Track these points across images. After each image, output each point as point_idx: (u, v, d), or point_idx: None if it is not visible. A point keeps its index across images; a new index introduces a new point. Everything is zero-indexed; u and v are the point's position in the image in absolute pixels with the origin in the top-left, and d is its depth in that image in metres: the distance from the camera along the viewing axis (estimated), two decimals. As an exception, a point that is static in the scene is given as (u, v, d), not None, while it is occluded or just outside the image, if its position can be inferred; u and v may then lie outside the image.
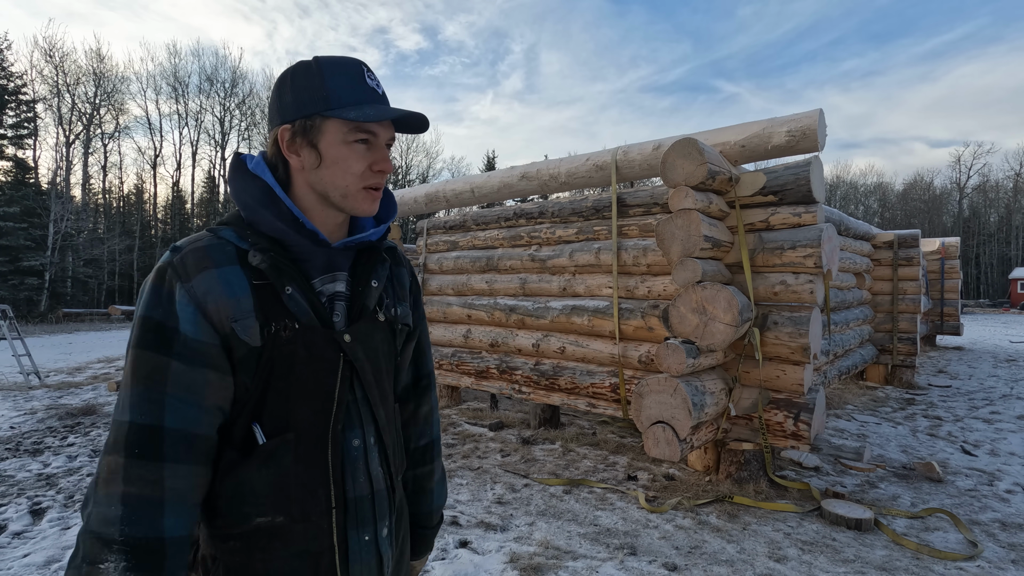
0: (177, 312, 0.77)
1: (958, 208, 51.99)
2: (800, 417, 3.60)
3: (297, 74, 0.86)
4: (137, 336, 0.77)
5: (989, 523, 3.36)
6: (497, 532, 3.16)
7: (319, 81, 0.85)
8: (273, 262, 0.83)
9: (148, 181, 37.86)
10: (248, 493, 0.81)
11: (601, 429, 5.43)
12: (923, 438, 5.22)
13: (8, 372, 9.02)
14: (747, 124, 3.90)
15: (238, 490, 0.81)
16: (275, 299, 0.83)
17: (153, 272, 0.80)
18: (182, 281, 0.78)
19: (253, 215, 0.85)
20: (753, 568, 2.77)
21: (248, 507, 0.81)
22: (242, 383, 0.82)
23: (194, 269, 0.79)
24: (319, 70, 0.85)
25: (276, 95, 0.88)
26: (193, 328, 0.77)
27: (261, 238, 0.84)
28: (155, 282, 0.79)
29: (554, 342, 4.94)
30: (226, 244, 0.83)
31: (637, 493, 3.69)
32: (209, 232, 0.85)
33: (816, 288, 3.59)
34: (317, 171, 0.87)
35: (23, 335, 8.89)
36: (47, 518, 3.34)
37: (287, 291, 0.84)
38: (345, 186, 0.87)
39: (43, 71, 30.96)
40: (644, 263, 4.34)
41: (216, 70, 39.29)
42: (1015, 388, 7.71)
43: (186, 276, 0.79)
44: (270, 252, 0.83)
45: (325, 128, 0.85)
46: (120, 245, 30.04)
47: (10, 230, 22.23)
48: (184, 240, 0.84)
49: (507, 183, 5.36)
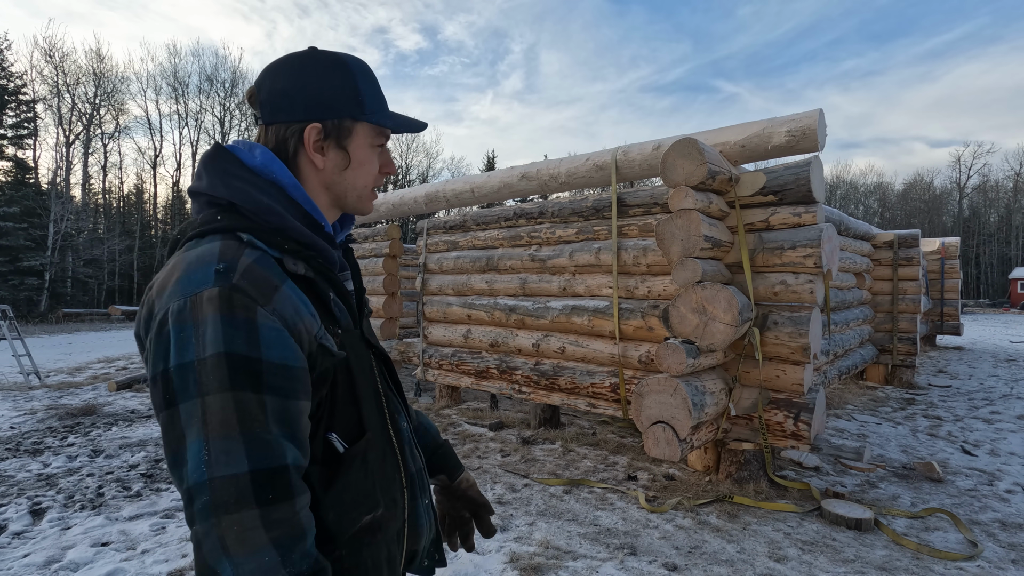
0: (262, 341, 0.68)
1: (958, 208, 52.00)
2: (800, 417, 3.60)
3: (327, 68, 0.82)
4: (225, 377, 0.65)
5: (989, 523, 3.36)
6: (497, 532, 3.16)
7: (352, 83, 0.83)
8: (317, 269, 0.80)
9: (148, 181, 37.92)
10: (355, 498, 0.81)
11: (601, 429, 5.43)
12: (923, 438, 5.22)
13: (8, 372, 9.02)
14: (747, 124, 3.90)
15: (344, 498, 0.80)
16: (322, 306, 0.80)
17: (211, 301, 0.67)
18: (261, 305, 0.69)
19: (280, 221, 0.78)
20: (753, 568, 2.77)
21: (356, 511, 0.81)
22: (318, 398, 0.78)
23: (268, 289, 0.70)
24: (350, 71, 0.84)
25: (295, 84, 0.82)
26: (281, 354, 0.69)
27: (292, 244, 0.78)
28: (224, 312, 0.66)
29: (554, 342, 4.94)
30: (266, 254, 0.74)
31: (637, 493, 3.69)
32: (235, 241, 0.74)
33: (816, 288, 3.59)
34: (342, 173, 0.85)
35: (23, 335, 8.89)
36: (47, 518, 3.34)
37: (331, 296, 0.82)
38: (363, 187, 0.88)
39: (43, 71, 31.03)
40: (644, 263, 4.34)
41: (216, 70, 39.30)
42: (1015, 388, 7.71)
43: (264, 299, 0.69)
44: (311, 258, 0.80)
45: (356, 131, 0.85)
46: (120, 245, 30.03)
47: (10, 230, 22.24)
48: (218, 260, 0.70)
49: (507, 183, 5.36)
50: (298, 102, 0.81)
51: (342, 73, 0.83)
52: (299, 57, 0.84)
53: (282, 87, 0.82)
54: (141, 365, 9.85)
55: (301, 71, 0.82)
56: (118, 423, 5.70)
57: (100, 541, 3.06)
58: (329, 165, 0.84)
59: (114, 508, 3.52)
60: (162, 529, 3.22)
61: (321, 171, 0.85)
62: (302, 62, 0.83)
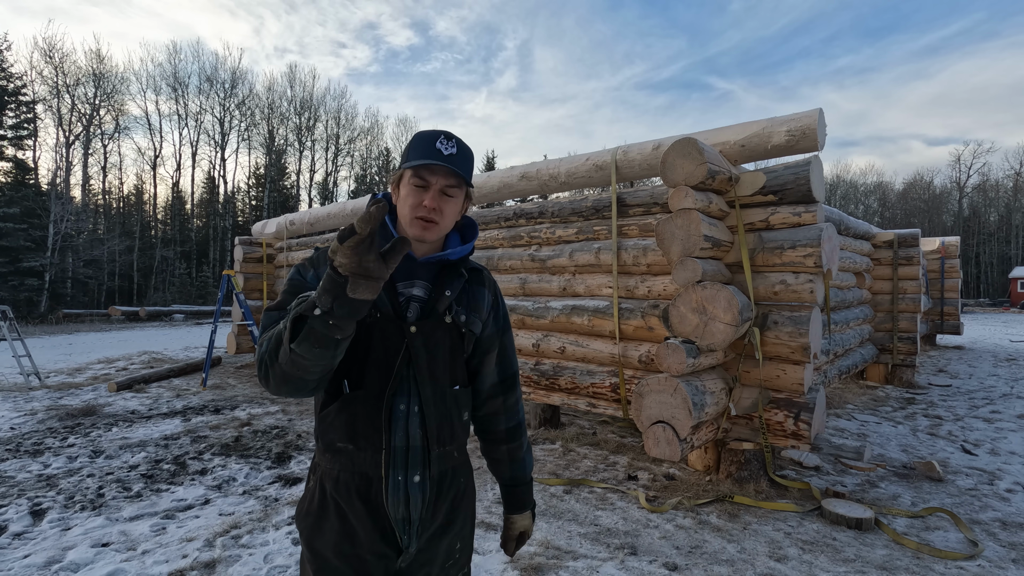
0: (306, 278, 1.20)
1: (958, 207, 51.98)
2: (800, 416, 3.60)
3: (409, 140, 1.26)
4: (288, 277, 1.22)
5: (989, 522, 3.36)
6: (497, 532, 3.16)
7: (408, 147, 1.22)
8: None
9: (148, 182, 37.83)
10: (335, 425, 1.19)
11: (601, 429, 5.43)
12: (923, 437, 5.22)
13: (8, 373, 9.02)
14: (747, 124, 3.90)
15: (330, 421, 1.19)
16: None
17: (298, 264, 1.24)
18: (315, 268, 1.21)
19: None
20: (754, 568, 2.77)
21: (334, 434, 1.19)
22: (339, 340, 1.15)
23: (321, 263, 1.21)
24: (412, 138, 1.22)
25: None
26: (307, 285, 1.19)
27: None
28: (300, 266, 1.23)
29: (554, 342, 4.94)
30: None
31: (637, 493, 3.69)
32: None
33: (816, 287, 3.58)
34: (398, 207, 1.22)
35: (23, 336, 8.89)
36: (47, 519, 3.34)
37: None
38: (404, 215, 1.20)
39: (43, 72, 30.93)
40: (644, 263, 4.34)
41: (216, 70, 39.23)
42: (1015, 387, 7.71)
43: (316, 265, 1.22)
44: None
45: (404, 176, 1.20)
46: (120, 246, 29.99)
47: (10, 231, 22.22)
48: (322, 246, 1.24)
49: (507, 183, 5.36)
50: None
51: (410, 140, 1.23)
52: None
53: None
54: (141, 366, 9.86)
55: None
56: (118, 424, 5.70)
57: (100, 542, 3.06)
58: (397, 201, 1.23)
59: (114, 509, 3.51)
60: (162, 530, 3.22)
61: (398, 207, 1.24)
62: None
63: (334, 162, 42.07)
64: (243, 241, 9.90)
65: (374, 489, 1.17)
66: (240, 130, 38.10)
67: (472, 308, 1.29)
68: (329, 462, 1.20)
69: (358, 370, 1.17)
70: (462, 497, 1.30)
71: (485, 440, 1.46)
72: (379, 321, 1.17)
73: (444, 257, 1.24)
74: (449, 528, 1.26)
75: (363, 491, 1.17)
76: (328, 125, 41.71)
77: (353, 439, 1.17)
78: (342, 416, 1.18)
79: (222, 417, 6.01)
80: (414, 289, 1.23)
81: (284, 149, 39.54)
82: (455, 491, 1.27)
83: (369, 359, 1.17)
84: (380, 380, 1.17)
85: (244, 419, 5.87)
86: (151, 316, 23.36)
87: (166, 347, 13.00)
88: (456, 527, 1.28)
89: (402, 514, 1.18)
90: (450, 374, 1.26)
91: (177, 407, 6.51)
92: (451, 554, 1.29)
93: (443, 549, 1.26)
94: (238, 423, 5.71)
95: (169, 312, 24.17)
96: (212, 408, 6.47)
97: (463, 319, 1.27)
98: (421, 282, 1.23)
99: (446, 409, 1.25)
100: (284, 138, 39.73)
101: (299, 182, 40.50)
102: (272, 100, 39.08)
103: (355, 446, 1.17)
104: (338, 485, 1.18)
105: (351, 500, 1.17)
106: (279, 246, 9.75)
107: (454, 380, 1.27)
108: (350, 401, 1.17)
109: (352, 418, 1.17)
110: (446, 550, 1.27)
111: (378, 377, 1.17)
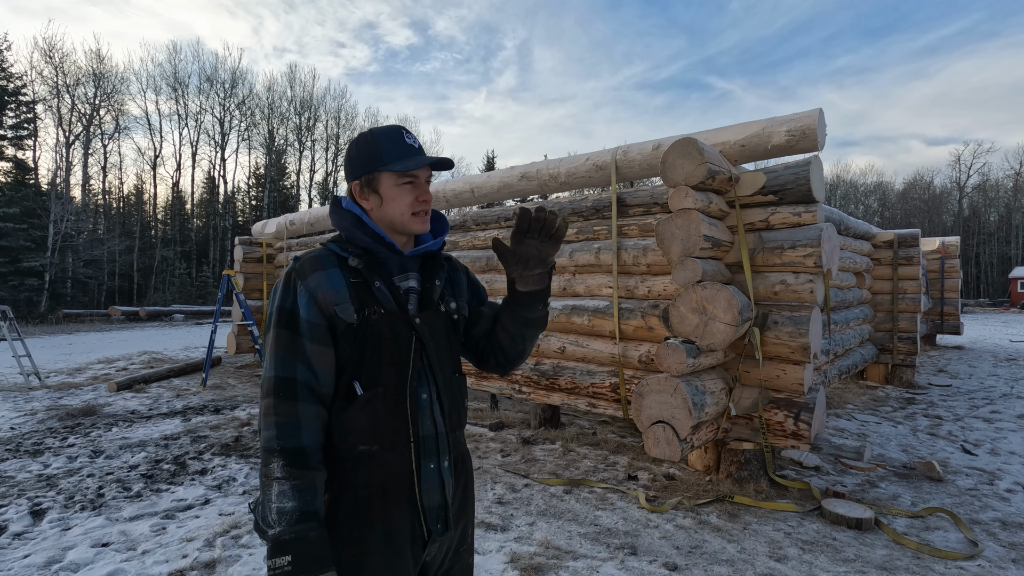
0: (299, 302, 1.14)
1: (958, 207, 51.96)
2: (800, 416, 3.60)
3: (359, 143, 1.24)
4: (276, 319, 1.14)
5: (990, 522, 3.36)
6: (497, 532, 3.16)
7: (373, 147, 1.21)
8: (366, 263, 1.20)
9: (148, 182, 37.80)
10: (353, 429, 1.15)
11: (601, 429, 5.43)
12: (923, 437, 5.22)
13: (8, 373, 9.02)
14: (747, 124, 3.90)
15: (347, 427, 1.15)
16: (368, 291, 1.18)
17: (283, 276, 1.18)
18: (302, 280, 1.15)
19: (350, 234, 1.22)
20: (754, 568, 2.77)
21: (353, 438, 1.15)
22: (343, 351, 1.16)
23: (308, 272, 1.16)
24: (373, 138, 1.22)
25: (347, 159, 1.26)
26: (307, 312, 1.13)
27: (356, 248, 1.21)
28: (285, 283, 1.17)
29: (554, 342, 4.94)
30: (331, 253, 1.21)
31: (637, 493, 3.69)
32: (321, 246, 1.23)
33: (816, 287, 3.58)
34: (380, 209, 1.23)
35: (23, 336, 8.89)
36: (47, 519, 3.34)
37: (376, 285, 1.19)
38: (400, 214, 1.22)
39: (43, 72, 30.90)
40: (644, 263, 4.34)
41: (216, 70, 39.17)
42: (1015, 387, 7.71)
43: (303, 276, 1.16)
44: (364, 257, 1.20)
45: (381, 179, 1.21)
46: (120, 246, 29.98)
47: (10, 231, 22.22)
48: (303, 252, 1.22)
49: (507, 183, 5.36)
50: (349, 168, 1.26)
51: (368, 141, 1.22)
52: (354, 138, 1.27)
53: (346, 158, 1.28)
54: (141, 366, 9.86)
55: (350, 147, 1.26)
56: (118, 424, 5.70)
57: (100, 542, 3.06)
58: (373, 205, 1.23)
59: (114, 509, 3.52)
60: (162, 530, 3.22)
61: (371, 209, 1.24)
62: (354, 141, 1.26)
63: (334, 162, 42.04)
64: (243, 241, 9.91)
65: (405, 485, 1.16)
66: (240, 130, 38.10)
67: (457, 293, 1.36)
68: (349, 471, 1.15)
69: (371, 369, 1.16)
70: (470, 483, 1.33)
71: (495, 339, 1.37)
72: (385, 317, 1.17)
73: (427, 249, 1.28)
74: (464, 512, 1.30)
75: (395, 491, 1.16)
76: (328, 125, 41.73)
77: (378, 438, 1.15)
78: (362, 417, 1.15)
79: (222, 417, 6.01)
80: (409, 281, 1.25)
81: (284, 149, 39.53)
82: (466, 476, 1.31)
83: (382, 355, 1.16)
84: (398, 374, 1.17)
85: (244, 419, 5.88)
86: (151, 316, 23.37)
87: (166, 347, 13.00)
88: (469, 512, 1.32)
89: (438, 501, 1.20)
90: (451, 363, 1.30)
91: (177, 407, 6.51)
92: (464, 538, 1.31)
93: (459, 534, 1.28)
94: (238, 423, 5.71)
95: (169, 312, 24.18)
96: (212, 408, 6.47)
97: (453, 306, 1.32)
98: (413, 274, 1.26)
99: (454, 395, 1.28)
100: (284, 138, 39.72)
101: (299, 182, 40.51)
102: (272, 100, 39.09)
103: (380, 446, 1.15)
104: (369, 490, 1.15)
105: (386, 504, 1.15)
106: (279, 246, 9.76)
107: (455, 368, 1.32)
108: (369, 400, 1.15)
109: (373, 417, 1.15)
110: (461, 534, 1.29)
111: (395, 371, 1.17)
